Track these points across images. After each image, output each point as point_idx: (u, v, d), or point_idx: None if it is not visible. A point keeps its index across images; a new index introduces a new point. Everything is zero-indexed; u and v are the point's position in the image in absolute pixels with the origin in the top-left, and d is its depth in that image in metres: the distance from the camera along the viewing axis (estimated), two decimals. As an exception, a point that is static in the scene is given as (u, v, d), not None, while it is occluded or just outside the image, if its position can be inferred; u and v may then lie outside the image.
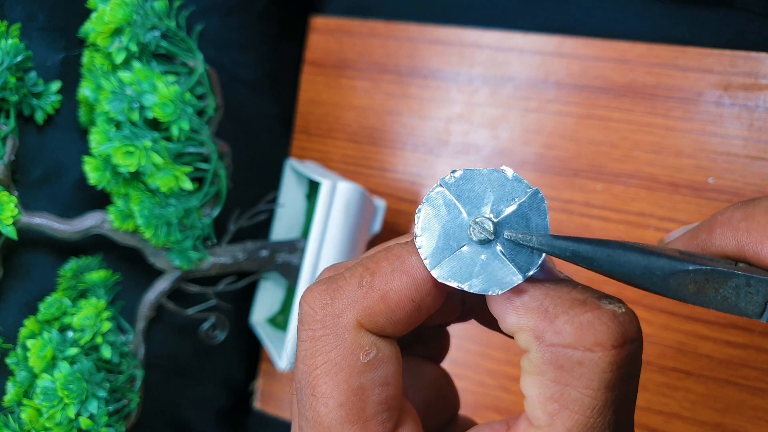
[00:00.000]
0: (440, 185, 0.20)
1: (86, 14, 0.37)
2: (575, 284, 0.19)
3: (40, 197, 0.38)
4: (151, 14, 0.37)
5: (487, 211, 0.19)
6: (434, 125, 0.48)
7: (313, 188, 0.49)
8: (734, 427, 0.40)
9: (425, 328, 0.26)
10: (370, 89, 0.50)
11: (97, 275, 0.40)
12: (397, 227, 0.49)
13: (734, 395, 0.40)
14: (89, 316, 0.37)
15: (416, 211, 0.20)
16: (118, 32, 0.36)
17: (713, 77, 0.41)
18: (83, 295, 0.40)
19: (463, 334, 0.46)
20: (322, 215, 0.42)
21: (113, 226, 0.38)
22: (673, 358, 0.41)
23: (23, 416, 0.34)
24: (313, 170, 0.47)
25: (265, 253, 0.44)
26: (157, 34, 0.37)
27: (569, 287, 0.19)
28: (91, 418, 0.35)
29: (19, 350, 0.36)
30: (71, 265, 0.39)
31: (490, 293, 0.19)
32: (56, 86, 0.38)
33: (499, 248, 0.19)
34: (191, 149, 0.38)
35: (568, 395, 0.18)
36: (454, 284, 0.19)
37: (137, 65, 0.37)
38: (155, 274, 0.41)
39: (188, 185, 0.38)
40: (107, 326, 0.37)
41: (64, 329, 0.37)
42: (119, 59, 0.36)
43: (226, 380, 0.52)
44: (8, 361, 0.36)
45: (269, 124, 0.52)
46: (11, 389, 0.35)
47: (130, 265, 0.42)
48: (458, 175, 0.20)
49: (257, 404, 0.55)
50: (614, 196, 0.43)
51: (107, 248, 0.41)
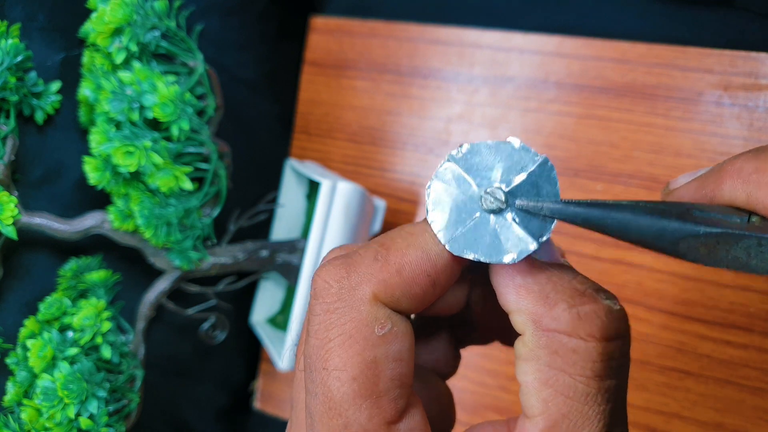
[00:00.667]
0: (448, 160, 0.20)
1: (86, 14, 0.37)
2: (575, 273, 0.20)
3: (40, 197, 0.38)
4: (151, 14, 0.37)
5: (497, 181, 0.19)
6: (434, 125, 0.48)
7: (313, 188, 0.49)
8: (734, 427, 0.40)
9: (442, 345, 0.26)
10: (370, 89, 0.50)
11: (97, 275, 0.40)
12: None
13: (734, 395, 0.40)
14: (89, 316, 0.37)
15: (426, 187, 0.20)
16: (118, 32, 0.36)
17: (713, 77, 0.41)
18: (83, 295, 0.40)
19: (463, 334, 0.46)
20: (322, 215, 0.42)
21: (113, 226, 0.38)
22: (673, 358, 0.41)
23: (23, 416, 0.34)
24: (313, 170, 0.47)
25: (265, 253, 0.44)
26: (157, 34, 0.37)
27: (570, 275, 0.19)
28: (91, 418, 0.35)
29: (19, 350, 0.36)
30: (71, 265, 0.39)
31: (505, 262, 0.19)
32: (56, 86, 0.38)
33: (510, 217, 0.19)
34: (191, 149, 0.38)
35: (562, 381, 0.18)
36: (470, 256, 0.19)
37: (137, 65, 0.37)
38: (155, 274, 0.41)
39: (188, 185, 0.38)
40: (107, 326, 0.37)
41: (64, 329, 0.37)
42: (119, 59, 0.36)
43: (226, 380, 0.52)
44: (8, 361, 0.36)
45: (269, 124, 0.52)
46: (11, 389, 0.35)
47: (130, 265, 0.42)
48: (465, 148, 0.20)
49: (257, 404, 0.55)
50: (614, 196, 0.43)
51: (107, 248, 0.41)
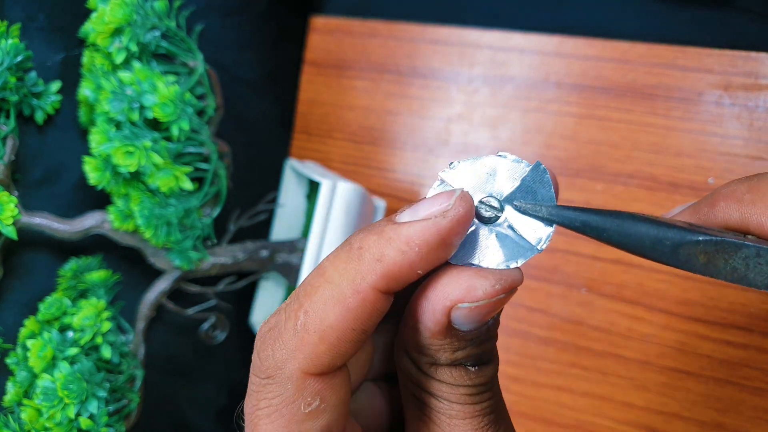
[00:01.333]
0: (441, 180, 0.20)
1: (86, 14, 0.37)
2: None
3: (40, 197, 0.38)
4: (151, 14, 0.37)
5: (491, 191, 0.19)
6: (434, 125, 0.48)
7: (313, 188, 0.49)
8: (734, 427, 0.40)
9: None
10: (370, 89, 0.50)
11: (97, 275, 0.40)
12: (397, 227, 0.49)
13: (734, 395, 0.40)
14: (89, 316, 0.37)
15: None
16: (118, 32, 0.36)
17: (713, 77, 0.40)
18: (83, 295, 0.40)
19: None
20: (322, 215, 0.42)
21: (113, 226, 0.38)
22: (673, 358, 0.41)
23: (23, 416, 0.34)
24: (313, 170, 0.47)
25: (265, 253, 0.44)
26: (157, 34, 0.37)
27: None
28: (91, 418, 0.35)
29: (19, 350, 0.36)
30: (71, 265, 0.39)
31: (505, 267, 0.19)
32: (56, 86, 0.38)
33: (507, 225, 0.19)
34: (191, 149, 0.38)
35: None
36: (473, 262, 0.19)
37: (137, 65, 0.37)
38: (155, 274, 0.41)
39: (188, 185, 0.38)
40: (107, 326, 0.37)
41: (64, 329, 0.37)
42: (119, 59, 0.36)
43: (226, 380, 0.52)
44: (8, 361, 0.36)
45: (269, 124, 0.52)
46: (11, 389, 0.35)
47: (130, 265, 0.42)
48: (456, 166, 0.20)
49: (257, 404, 0.55)
50: (614, 196, 0.43)
51: (107, 248, 0.41)
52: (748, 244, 0.17)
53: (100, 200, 0.39)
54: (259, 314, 0.51)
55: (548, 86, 0.45)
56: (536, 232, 0.19)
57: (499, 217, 0.19)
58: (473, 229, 0.19)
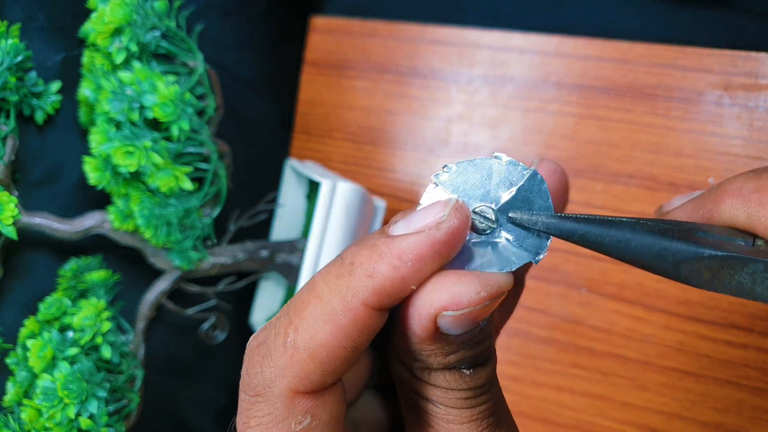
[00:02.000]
0: (434, 185, 0.19)
1: (86, 14, 0.37)
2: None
3: (40, 197, 0.38)
4: (151, 14, 0.37)
5: (485, 199, 0.19)
6: (434, 125, 0.48)
7: (313, 188, 0.49)
8: (734, 427, 0.40)
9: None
10: (370, 89, 0.50)
11: (97, 275, 0.40)
12: (397, 227, 0.49)
13: (734, 395, 0.40)
14: (89, 316, 0.37)
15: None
16: (118, 32, 0.36)
17: (713, 77, 0.40)
18: (83, 295, 0.40)
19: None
20: (322, 215, 0.42)
21: (113, 226, 0.38)
22: (673, 358, 0.41)
23: (23, 416, 0.34)
24: (313, 170, 0.47)
25: (265, 253, 0.44)
26: (157, 34, 0.37)
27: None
28: (91, 418, 0.35)
29: (19, 350, 0.36)
30: (71, 265, 0.39)
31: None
32: (56, 86, 0.38)
33: (504, 236, 0.18)
34: (191, 149, 0.38)
35: None
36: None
37: (137, 65, 0.37)
38: (155, 274, 0.41)
39: (188, 185, 0.38)
40: (107, 326, 0.37)
41: (64, 329, 0.37)
42: (119, 59, 0.36)
43: (226, 380, 0.52)
44: (8, 361, 0.36)
45: (269, 124, 0.52)
46: (11, 389, 0.35)
47: (130, 265, 0.42)
48: (450, 169, 0.19)
49: (257, 404, 0.55)
50: (614, 196, 0.43)
51: (107, 248, 0.41)
52: (755, 258, 0.17)
53: (100, 200, 0.39)
54: (259, 314, 0.51)
55: (548, 86, 0.45)
56: (533, 243, 0.18)
57: (494, 228, 0.18)
58: (468, 240, 0.18)
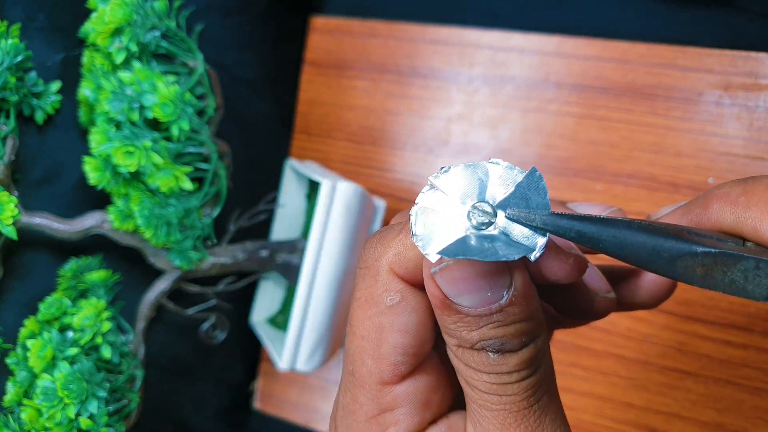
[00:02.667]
0: (431, 185, 0.19)
1: (86, 14, 0.37)
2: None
3: (40, 197, 0.38)
4: (151, 14, 0.37)
5: (483, 197, 0.19)
6: (434, 125, 0.48)
7: (313, 188, 0.49)
8: (734, 427, 0.40)
9: None
10: (370, 89, 0.50)
11: (97, 275, 0.40)
12: (397, 227, 0.49)
13: (734, 395, 0.40)
14: (89, 316, 0.37)
15: (410, 214, 0.19)
16: (118, 32, 0.36)
17: (713, 77, 0.41)
18: (83, 295, 0.40)
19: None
20: (322, 215, 0.42)
21: (113, 226, 0.38)
22: (673, 358, 0.41)
23: (23, 416, 0.34)
24: (313, 170, 0.47)
25: (265, 253, 0.44)
26: (157, 34, 0.37)
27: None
28: (91, 418, 0.35)
29: (19, 350, 0.36)
30: (71, 265, 0.39)
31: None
32: (56, 86, 0.38)
33: (500, 231, 0.18)
34: (191, 149, 0.38)
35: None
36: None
37: (137, 65, 0.37)
38: (155, 274, 0.41)
39: (188, 185, 0.38)
40: (107, 326, 0.37)
41: (64, 329, 0.37)
42: (119, 59, 0.36)
43: (226, 380, 0.52)
44: (8, 361, 0.36)
45: (269, 124, 0.52)
46: (11, 389, 0.35)
47: (130, 265, 0.42)
48: (447, 171, 0.19)
49: (257, 404, 0.55)
50: (614, 196, 0.43)
51: (107, 248, 0.41)
52: (747, 255, 0.17)
53: (100, 200, 0.39)
54: (259, 314, 0.51)
55: (548, 86, 0.45)
56: (529, 240, 0.18)
57: (492, 222, 0.18)
58: (465, 235, 0.18)
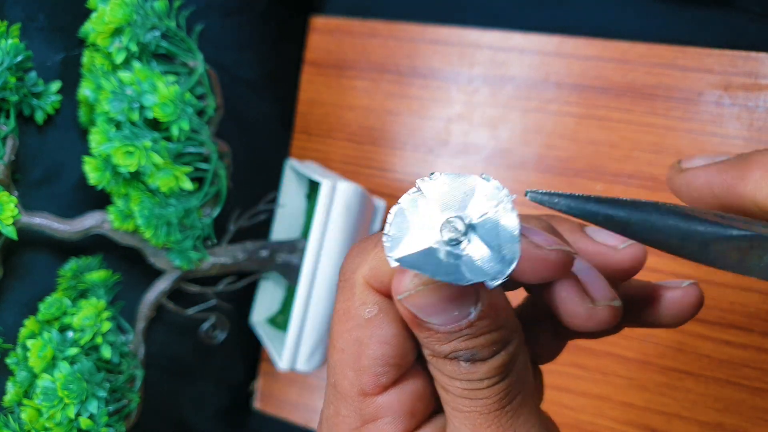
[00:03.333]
0: (417, 188, 0.19)
1: (86, 14, 0.37)
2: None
3: (40, 197, 0.38)
4: (151, 14, 0.37)
5: (460, 211, 0.18)
6: (434, 125, 0.48)
7: (313, 188, 0.49)
8: (734, 427, 0.40)
9: (542, 334, 0.25)
10: (370, 89, 0.50)
11: (97, 275, 0.40)
12: (397, 227, 0.49)
13: (734, 395, 0.40)
14: (89, 316, 0.37)
15: (389, 212, 0.19)
16: (118, 32, 0.36)
17: (713, 77, 0.41)
18: (83, 295, 0.40)
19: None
20: (322, 215, 0.42)
21: (113, 226, 0.38)
22: (673, 358, 0.41)
23: (23, 416, 0.34)
24: (313, 170, 0.47)
25: (265, 253, 0.44)
26: (157, 34, 0.37)
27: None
28: (91, 418, 0.35)
29: (19, 350, 0.36)
30: (71, 265, 0.39)
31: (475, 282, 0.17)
32: (56, 86, 0.38)
33: (469, 252, 0.18)
34: (191, 149, 0.38)
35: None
36: (420, 272, 0.18)
37: (137, 65, 0.37)
38: (155, 274, 0.41)
39: (188, 185, 0.38)
40: (107, 326, 0.37)
41: (64, 329, 0.37)
42: (119, 59, 0.36)
43: (226, 380, 0.52)
44: (8, 361, 0.36)
45: (269, 124, 0.52)
46: (11, 389, 0.35)
47: (130, 265, 0.42)
48: (436, 177, 0.19)
49: (257, 404, 0.55)
50: (614, 196, 0.43)
51: (107, 248, 0.41)
52: None
53: (100, 200, 0.39)
54: (259, 314, 0.51)
55: (548, 86, 0.45)
56: (494, 266, 0.17)
57: (461, 241, 0.18)
58: (433, 247, 0.18)
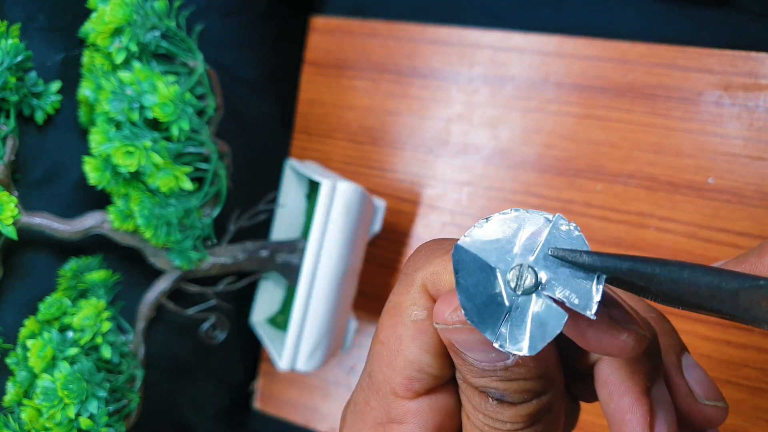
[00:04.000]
0: (460, 247, 0.18)
1: (86, 14, 0.37)
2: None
3: (40, 197, 0.38)
4: (151, 14, 0.37)
5: (518, 258, 0.17)
6: (434, 125, 0.48)
7: (313, 188, 0.49)
8: (734, 427, 0.40)
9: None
10: (370, 89, 0.50)
11: (97, 275, 0.40)
12: (397, 227, 0.49)
13: (734, 395, 0.40)
14: (89, 316, 0.37)
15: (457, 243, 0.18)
16: (118, 32, 0.36)
17: (713, 77, 0.40)
18: (83, 295, 0.40)
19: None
20: (322, 215, 0.42)
21: (113, 226, 0.38)
22: (673, 358, 0.41)
23: (23, 416, 0.34)
24: (313, 170, 0.47)
25: (265, 253, 0.44)
26: (157, 34, 0.37)
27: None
28: (91, 418, 0.35)
29: (19, 350, 0.36)
30: (71, 265, 0.39)
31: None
32: (56, 86, 0.38)
33: (546, 296, 0.17)
34: (191, 149, 0.38)
35: None
36: (516, 352, 0.17)
37: (137, 65, 0.37)
38: (155, 274, 0.41)
39: (188, 185, 0.38)
40: (107, 326, 0.37)
41: (64, 329, 0.37)
42: (119, 59, 0.36)
43: (226, 380, 0.52)
44: (8, 361, 0.36)
45: (269, 124, 0.52)
46: (11, 389, 0.35)
47: (130, 265, 0.42)
48: (474, 230, 0.18)
49: (257, 404, 0.55)
50: (614, 196, 0.43)
51: (107, 248, 0.41)
52: None
53: (100, 200, 0.39)
54: (259, 314, 0.51)
55: (548, 86, 0.45)
56: (581, 296, 0.17)
57: (538, 285, 0.17)
58: (511, 305, 0.17)
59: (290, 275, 0.46)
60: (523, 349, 0.17)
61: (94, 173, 0.36)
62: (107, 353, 0.37)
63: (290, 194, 0.51)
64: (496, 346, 0.17)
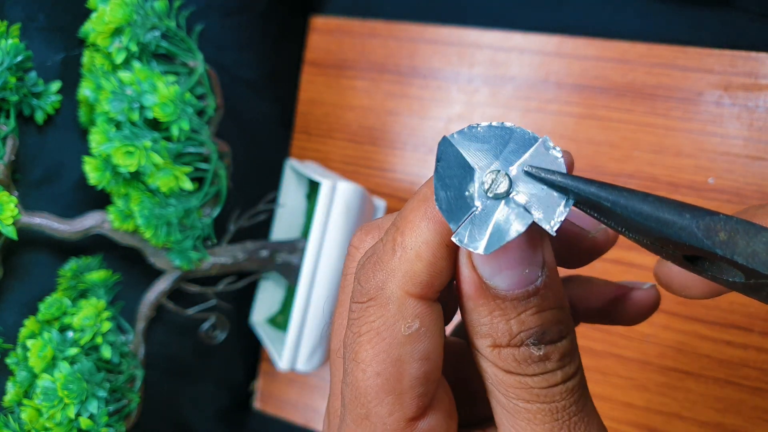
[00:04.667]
0: (447, 140, 0.18)
1: (86, 14, 0.37)
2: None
3: (40, 197, 0.38)
4: (151, 14, 0.37)
5: (497, 164, 0.18)
6: (434, 125, 0.48)
7: (313, 188, 0.49)
8: (734, 427, 0.40)
9: None
10: (370, 89, 0.50)
11: (97, 275, 0.40)
12: (397, 227, 0.49)
13: (734, 395, 0.40)
14: (89, 316, 0.37)
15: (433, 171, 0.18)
16: (118, 32, 0.36)
17: (713, 77, 0.41)
18: (83, 295, 0.40)
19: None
20: (322, 215, 0.42)
21: (113, 226, 0.38)
22: (673, 358, 0.41)
23: (23, 416, 0.34)
24: (313, 170, 0.47)
25: (265, 253, 0.44)
26: (157, 34, 0.37)
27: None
28: (91, 418, 0.35)
29: (19, 350, 0.36)
30: (71, 265, 0.39)
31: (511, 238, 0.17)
32: (56, 86, 0.38)
33: (516, 202, 0.18)
34: (191, 149, 0.38)
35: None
36: (474, 248, 0.17)
37: (137, 65, 0.37)
38: (155, 274, 0.41)
39: (188, 185, 0.38)
40: (107, 326, 0.37)
41: (64, 329, 0.37)
42: (119, 59, 0.36)
43: (226, 380, 0.52)
44: (8, 361, 0.36)
45: (269, 124, 0.52)
46: (11, 389, 0.35)
47: (130, 265, 0.42)
48: (465, 130, 0.18)
49: (257, 404, 0.55)
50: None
51: (107, 248, 0.41)
52: None
53: (100, 200, 0.39)
54: (259, 314, 0.51)
55: (548, 86, 0.45)
56: (547, 211, 0.17)
57: (509, 192, 0.18)
58: (479, 205, 0.18)
59: (290, 275, 0.46)
60: (478, 248, 0.17)
61: (94, 173, 0.36)
62: (107, 353, 0.37)
63: (290, 194, 0.51)
64: (454, 240, 0.17)
